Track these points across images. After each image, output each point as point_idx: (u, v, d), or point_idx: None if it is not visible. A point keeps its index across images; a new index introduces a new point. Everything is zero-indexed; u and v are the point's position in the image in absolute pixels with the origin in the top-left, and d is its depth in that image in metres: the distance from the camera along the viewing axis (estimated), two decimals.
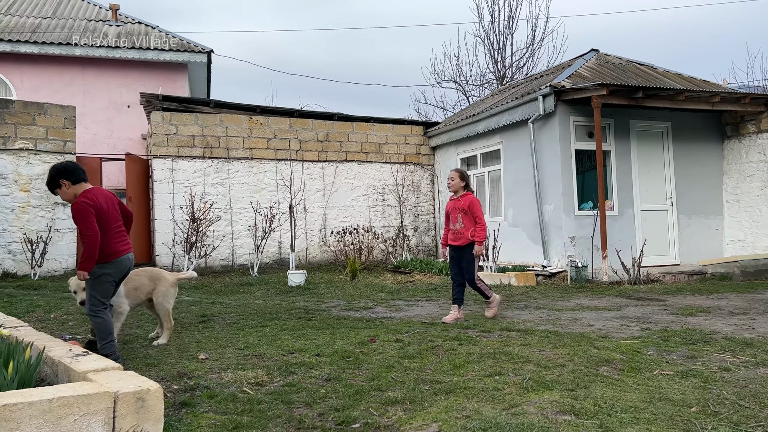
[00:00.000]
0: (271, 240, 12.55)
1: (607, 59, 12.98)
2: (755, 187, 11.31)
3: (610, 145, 11.01)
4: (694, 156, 11.62)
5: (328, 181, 13.50)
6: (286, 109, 13.64)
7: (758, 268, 10.34)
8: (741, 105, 10.92)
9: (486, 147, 12.73)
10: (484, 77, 22.83)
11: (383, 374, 4.21)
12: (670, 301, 7.90)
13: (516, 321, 6.39)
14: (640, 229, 10.99)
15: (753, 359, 4.48)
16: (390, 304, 8.00)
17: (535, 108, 10.82)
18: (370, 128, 14.07)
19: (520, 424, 3.02)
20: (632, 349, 4.84)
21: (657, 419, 3.13)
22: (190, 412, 3.46)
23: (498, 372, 4.14)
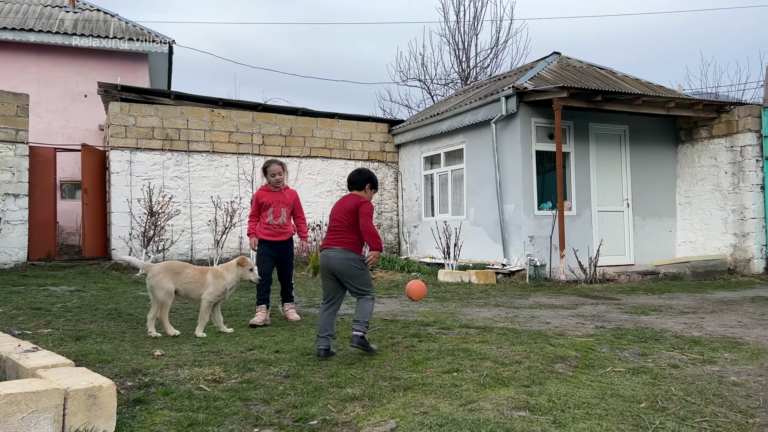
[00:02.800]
0: (231, 235, 12.38)
1: (569, 62, 13.24)
2: (706, 191, 11.72)
3: (570, 147, 11.25)
4: (649, 159, 11.97)
5: (291, 177, 13.38)
6: (249, 103, 13.48)
7: (707, 269, 10.72)
8: (695, 111, 11.28)
9: (449, 146, 12.83)
10: (449, 76, 23.02)
11: (342, 371, 4.21)
12: (624, 300, 8.12)
13: (475, 318, 6.47)
14: (596, 230, 11.26)
15: (700, 357, 4.64)
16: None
17: (498, 109, 10.97)
18: (335, 124, 14.03)
19: (476, 420, 3.06)
20: (586, 346, 4.96)
21: (608, 414, 3.22)
22: (144, 410, 3.39)
23: (456, 369, 4.18)
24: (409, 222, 14.21)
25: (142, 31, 16.20)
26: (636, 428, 3.03)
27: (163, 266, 5.49)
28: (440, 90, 23.13)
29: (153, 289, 5.40)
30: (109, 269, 11.24)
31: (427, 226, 13.27)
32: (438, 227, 12.07)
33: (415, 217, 14.01)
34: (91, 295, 8.16)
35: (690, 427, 3.05)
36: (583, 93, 10.10)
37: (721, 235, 11.43)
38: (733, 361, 4.49)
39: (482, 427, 2.96)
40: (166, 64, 17.30)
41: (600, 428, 3.00)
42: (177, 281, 5.41)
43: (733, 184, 11.22)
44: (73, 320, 6.23)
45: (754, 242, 10.88)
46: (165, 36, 16.07)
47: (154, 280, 5.38)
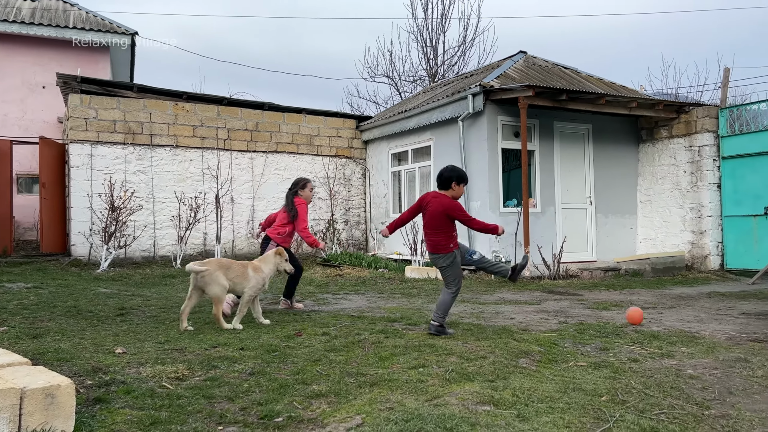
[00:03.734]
0: (195, 231, 12.20)
1: (535, 61, 13.41)
2: (666, 189, 12.02)
3: (535, 145, 11.40)
4: (612, 158, 12.22)
5: (257, 172, 13.25)
6: (214, 97, 13.28)
7: (667, 266, 11.02)
8: (655, 111, 11.56)
9: (417, 143, 12.87)
10: (417, 73, 23.07)
11: (308, 368, 4.19)
12: (587, 296, 8.28)
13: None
14: (560, 227, 11.45)
15: (659, 351, 4.76)
16: (318, 298, 7.97)
17: (465, 106, 11.04)
18: (302, 119, 13.92)
19: (442, 415, 3.08)
20: (550, 341, 5.04)
21: (570, 408, 3.28)
22: (104, 408, 3.31)
23: (422, 364, 4.21)
24: (377, 218, 14.21)
25: (103, 22, 15.79)
26: (597, 421, 3.10)
27: (216, 263, 5.60)
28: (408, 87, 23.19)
29: (208, 285, 5.45)
30: (68, 265, 10.95)
31: None
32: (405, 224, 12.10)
33: (382, 214, 14.02)
34: (49, 292, 7.93)
35: (649, 420, 3.12)
36: (548, 92, 10.24)
37: (679, 232, 11.75)
38: (690, 355, 4.62)
39: (447, 422, 2.99)
40: (129, 56, 16.91)
41: (562, 422, 3.06)
42: (228, 276, 5.54)
43: (692, 182, 11.54)
44: (30, 318, 6.05)
45: (711, 239, 11.22)
46: (127, 27, 15.69)
47: (210, 277, 5.43)
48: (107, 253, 10.87)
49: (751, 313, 6.74)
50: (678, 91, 21.75)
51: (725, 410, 3.33)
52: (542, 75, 12.32)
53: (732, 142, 11.17)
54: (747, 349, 4.81)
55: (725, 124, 11.30)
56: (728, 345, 4.97)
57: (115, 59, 16.58)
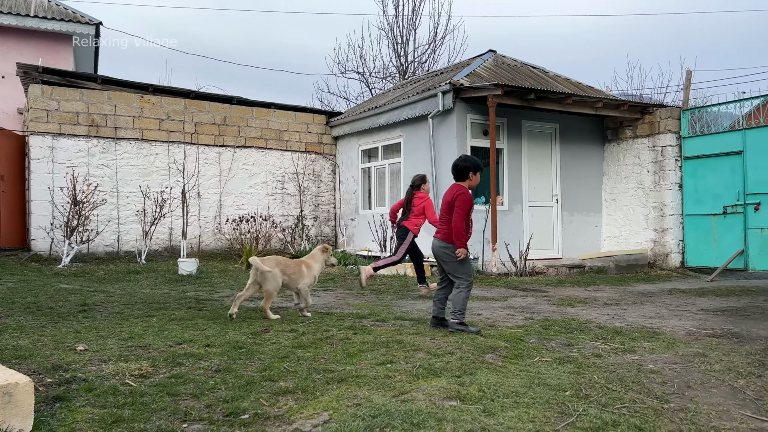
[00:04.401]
0: (161, 226, 11.99)
1: (504, 60, 13.54)
2: (630, 188, 12.29)
3: (503, 144, 11.52)
4: (578, 157, 12.43)
5: (224, 167, 13.09)
6: (181, 90, 13.06)
7: (630, 263, 11.26)
8: (621, 111, 11.79)
9: (387, 140, 12.88)
10: (387, 70, 23.08)
11: (276, 364, 4.16)
12: (552, 293, 8.41)
13: (410, 311, 6.54)
14: (527, 224, 11.60)
15: (621, 346, 4.86)
16: (286, 294, 7.87)
17: (435, 104, 11.09)
18: (271, 114, 13.80)
19: (409, 411, 3.09)
20: (516, 337, 5.11)
21: (535, 403, 3.33)
22: (64, 407, 3.24)
23: (390, 360, 4.21)
24: (347, 215, 14.18)
25: (66, 11, 15.36)
26: (561, 416, 3.15)
27: (275, 262, 5.95)
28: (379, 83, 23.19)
29: (267, 281, 5.79)
30: (28, 260, 10.65)
31: (364, 219, 13.29)
32: (375, 220, 12.12)
33: (352, 210, 14.00)
34: (8, 288, 7.70)
35: (611, 413, 3.19)
36: (516, 91, 10.35)
37: (642, 230, 12.03)
38: (651, 350, 4.73)
39: (414, 417, 3.00)
40: (93, 47, 16.48)
41: (527, 416, 3.10)
42: (285, 273, 5.90)
43: (655, 182, 11.81)
44: None
45: (672, 237, 11.51)
46: (91, 17, 15.30)
47: (270, 274, 5.76)
48: (69, 248, 10.61)
49: (709, 309, 6.93)
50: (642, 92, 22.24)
51: (684, 404, 3.42)
52: (511, 74, 12.45)
53: (693, 142, 11.47)
54: (705, 344, 4.95)
55: (687, 125, 11.59)
56: (687, 340, 5.10)
57: (78, 50, 16.15)
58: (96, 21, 15.25)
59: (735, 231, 10.73)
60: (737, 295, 8.14)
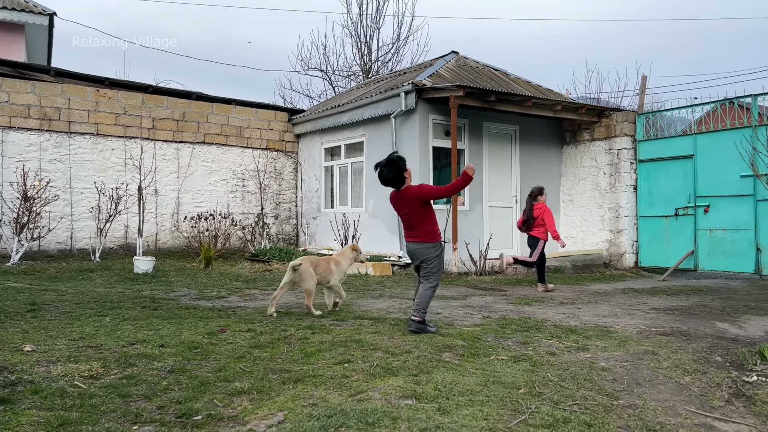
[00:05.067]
0: (116, 224, 11.69)
1: (466, 62, 13.66)
2: (587, 190, 12.57)
3: (465, 144, 11.63)
4: (537, 158, 12.64)
5: (183, 163, 12.84)
6: (139, 84, 12.76)
7: (586, 263, 11.52)
8: (578, 114, 12.05)
9: (350, 138, 12.85)
10: (351, 69, 23.01)
11: (231, 364, 4.11)
12: (511, 292, 8.54)
13: (370, 309, 6.55)
14: (487, 224, 11.75)
15: (575, 344, 4.97)
16: (245, 294, 7.83)
17: (398, 104, 11.12)
18: (232, 110, 13.60)
19: (364, 410, 3.10)
20: (473, 335, 5.16)
21: (489, 401, 3.37)
22: (8, 409, 3.13)
23: (348, 359, 4.21)
24: (308, 213, 14.10)
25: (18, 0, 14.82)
26: (514, 413, 3.20)
27: (308, 260, 6.24)
28: (342, 82, 23.10)
29: (304, 280, 6.08)
30: None
31: (326, 217, 13.24)
32: (337, 219, 12.08)
33: (314, 209, 13.93)
34: None
35: (562, 411, 3.26)
36: (478, 93, 10.46)
37: (598, 231, 12.31)
38: (603, 348, 4.84)
39: (369, 417, 3.00)
40: (46, 38, 15.94)
41: (481, 414, 3.14)
42: (316, 271, 6.16)
43: (610, 184, 12.11)
44: None
45: (627, 238, 11.82)
46: (44, 7, 14.80)
47: (307, 273, 6.08)
48: (19, 245, 10.25)
49: (660, 308, 7.14)
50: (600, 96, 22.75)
51: (633, 400, 3.52)
52: (473, 76, 12.58)
53: (648, 146, 11.80)
54: (655, 342, 5.09)
55: (642, 128, 11.92)
56: (638, 338, 5.25)
57: (30, 41, 15.60)
58: (50, 11, 14.76)
59: (686, 232, 11.08)
60: (687, 295, 8.41)
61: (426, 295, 5.28)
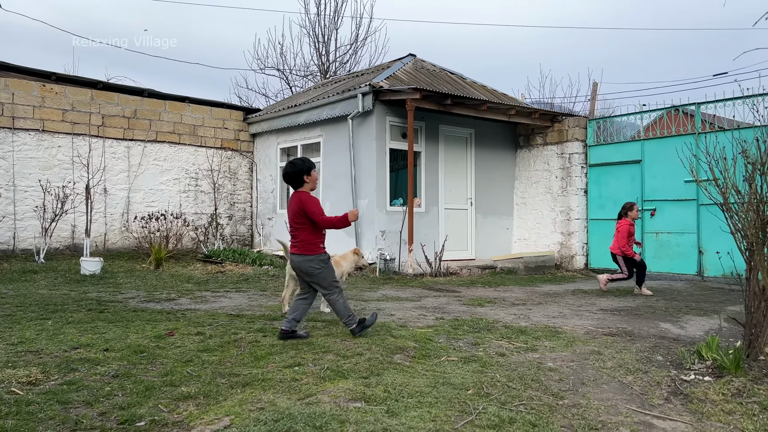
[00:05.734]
0: (63, 223, 11.30)
1: (423, 65, 13.76)
2: (539, 193, 12.82)
3: (421, 147, 11.71)
4: (492, 162, 12.84)
5: (134, 162, 12.51)
6: (88, 80, 12.37)
7: (538, 264, 11.75)
8: (532, 119, 12.28)
9: (307, 139, 12.77)
10: (308, 69, 22.87)
11: (179, 369, 4.02)
12: (464, 293, 8.63)
13: (324, 311, 6.51)
14: (443, 226, 11.86)
15: (524, 345, 5.06)
16: (196, 296, 7.68)
17: (355, 105, 11.11)
18: (185, 108, 13.33)
19: (312, 414, 3.08)
20: (426, 337, 5.20)
21: (438, 402, 3.40)
22: None
23: (298, 362, 4.18)
24: (264, 214, 13.94)
25: None
26: (461, 414, 3.23)
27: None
28: (299, 81, 22.94)
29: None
30: None
31: (281, 218, 13.11)
32: None
33: (269, 209, 13.78)
34: None
35: (508, 411, 3.31)
36: (434, 96, 10.55)
37: (550, 233, 12.58)
38: (551, 349, 4.95)
39: (317, 420, 2.99)
40: None
41: (429, 416, 3.16)
42: None
43: (562, 187, 12.39)
44: None
45: (578, 240, 12.11)
46: None
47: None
48: None
49: (607, 309, 7.34)
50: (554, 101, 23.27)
51: (577, 400, 3.61)
52: (430, 79, 12.68)
53: (598, 151, 12.12)
54: (601, 342, 5.23)
55: (593, 134, 12.24)
56: (585, 339, 5.38)
57: None
58: None
59: None
60: (633, 296, 8.67)
61: (337, 306, 5.00)
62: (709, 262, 10.34)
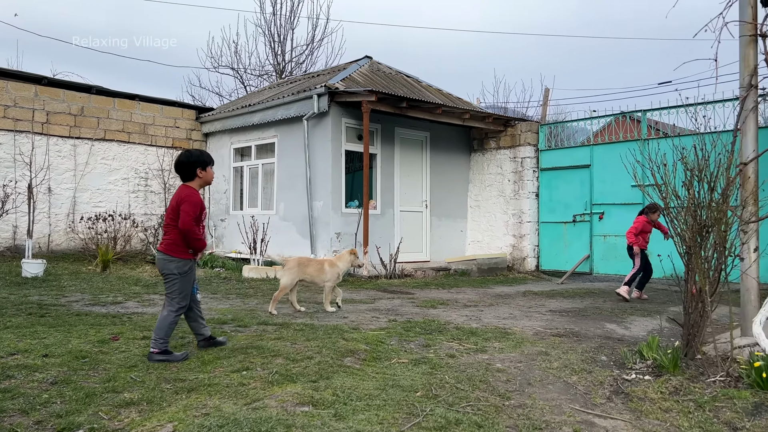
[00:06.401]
0: (3, 223, 10.84)
1: (379, 67, 13.79)
2: (492, 196, 13.02)
3: (377, 149, 11.73)
4: (447, 165, 12.97)
5: (81, 161, 12.12)
6: (31, 75, 11.92)
7: (491, 266, 11.93)
8: (486, 123, 12.46)
9: (261, 139, 12.63)
10: (264, 68, 22.62)
11: (122, 374, 3.91)
12: (418, 295, 8.69)
13: (276, 314, 6.44)
14: (398, 228, 11.90)
15: (475, 346, 5.12)
16: (144, 299, 7.48)
17: (310, 106, 11.04)
18: (135, 107, 12.99)
19: (258, 419, 3.04)
20: (377, 339, 5.20)
21: (386, 405, 3.40)
22: None
23: (246, 367, 4.12)
24: (216, 215, 13.71)
25: None
26: (409, 416, 3.25)
27: (295, 261, 6.82)
28: (254, 81, 22.66)
29: (283, 275, 6.68)
30: None
31: (234, 220, 12.92)
32: (246, 222, 11.82)
33: (222, 211, 13.56)
34: None
35: (455, 412, 3.34)
36: (390, 98, 10.58)
37: (503, 236, 12.79)
38: (500, 350, 5.02)
39: (263, 425, 2.95)
40: None
41: (376, 418, 3.16)
42: (306, 272, 6.69)
43: (514, 191, 12.62)
44: None
45: (529, 243, 12.35)
46: None
47: (286, 269, 6.67)
48: None
49: (556, 310, 7.51)
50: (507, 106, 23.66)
51: (523, 400, 3.67)
52: (386, 81, 12.71)
53: (549, 155, 12.39)
54: (549, 343, 5.34)
55: (544, 138, 12.50)
56: (534, 339, 5.48)
57: None
58: None
59: (583, 238, 11.73)
60: (581, 297, 8.90)
61: (165, 321, 4.38)
62: (654, 264, 10.69)
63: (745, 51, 4.87)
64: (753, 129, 4.82)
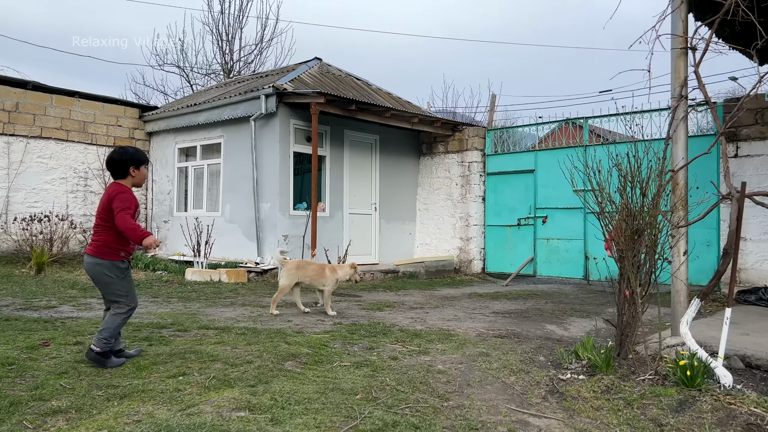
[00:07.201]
0: None
1: (329, 69, 13.75)
2: (440, 199, 13.17)
3: (326, 151, 11.69)
4: (396, 168, 13.04)
5: (15, 159, 11.59)
6: None
7: (438, 268, 12.05)
8: (434, 127, 12.60)
9: (207, 139, 12.38)
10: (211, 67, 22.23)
11: (51, 381, 3.76)
12: (365, 297, 8.69)
13: (217, 318, 6.33)
14: (347, 231, 11.88)
15: (417, 348, 5.16)
16: (80, 303, 7.22)
17: (258, 106, 10.90)
18: (75, 104, 12.53)
19: (192, 425, 2.97)
20: (321, 342, 5.17)
21: (325, 408, 3.39)
22: None
23: (183, 372, 4.03)
24: (159, 216, 13.35)
25: None
26: (347, 419, 3.24)
27: (294, 264, 7.04)
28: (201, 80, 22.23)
29: (281, 277, 6.94)
30: None
31: (178, 221, 12.62)
32: (189, 224, 11.57)
33: (166, 212, 13.22)
34: None
35: (394, 414, 3.36)
36: (339, 101, 10.55)
37: (450, 238, 12.95)
38: (443, 351, 5.07)
39: (197, 431, 2.89)
40: None
41: (314, 422, 3.14)
42: (305, 274, 6.93)
43: (462, 194, 12.80)
44: None
45: (475, 246, 12.55)
46: None
47: (284, 272, 6.91)
48: None
49: (500, 311, 7.65)
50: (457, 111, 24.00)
51: (461, 401, 3.72)
52: (335, 83, 12.68)
53: (495, 160, 12.63)
54: (490, 344, 5.43)
55: (491, 143, 12.73)
56: (476, 341, 5.57)
57: None
58: None
59: (527, 241, 12.00)
60: (524, 299, 9.09)
61: (113, 322, 4.22)
62: (594, 266, 11.04)
63: (677, 63, 5.10)
64: (683, 138, 5.05)
